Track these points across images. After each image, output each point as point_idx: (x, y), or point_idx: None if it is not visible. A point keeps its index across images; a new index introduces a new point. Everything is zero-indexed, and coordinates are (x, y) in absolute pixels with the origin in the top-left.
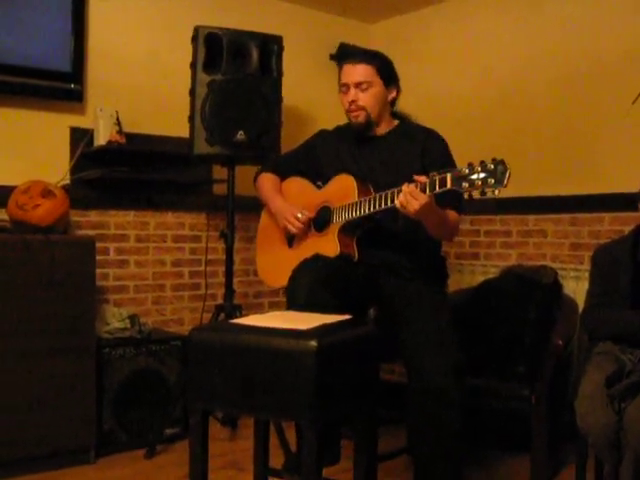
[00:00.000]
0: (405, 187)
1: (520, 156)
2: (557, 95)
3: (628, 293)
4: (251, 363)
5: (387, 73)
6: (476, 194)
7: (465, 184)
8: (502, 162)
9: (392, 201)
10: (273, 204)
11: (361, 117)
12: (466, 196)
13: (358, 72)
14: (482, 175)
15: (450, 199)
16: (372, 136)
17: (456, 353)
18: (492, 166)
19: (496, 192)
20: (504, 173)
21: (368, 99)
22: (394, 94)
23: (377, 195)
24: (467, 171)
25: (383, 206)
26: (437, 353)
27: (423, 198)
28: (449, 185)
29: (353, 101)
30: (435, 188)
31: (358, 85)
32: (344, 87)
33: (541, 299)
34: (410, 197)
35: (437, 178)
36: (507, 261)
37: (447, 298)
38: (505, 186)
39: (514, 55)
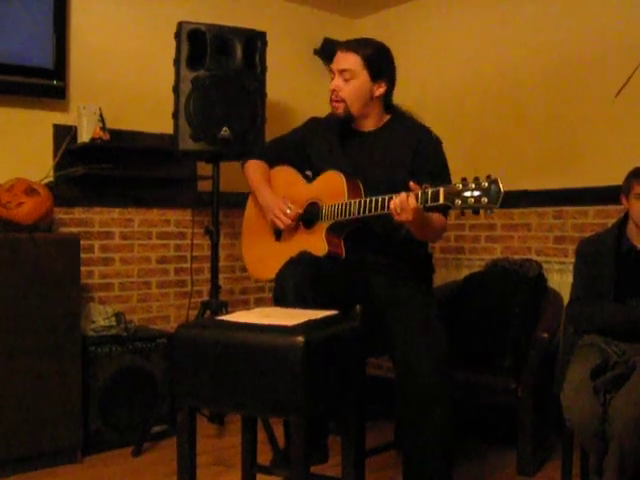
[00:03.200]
0: (403, 198)
1: (504, 150)
2: (541, 89)
3: (612, 285)
4: (238, 360)
5: (377, 66)
6: (468, 211)
7: (458, 201)
8: (496, 181)
9: (383, 208)
10: (261, 195)
11: (340, 109)
12: (459, 211)
13: (345, 60)
14: (476, 193)
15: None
16: (361, 132)
17: (443, 348)
18: (486, 184)
19: (488, 212)
20: (498, 193)
21: (348, 91)
22: (382, 89)
23: (367, 199)
24: (460, 187)
25: (373, 212)
26: (425, 348)
27: (416, 211)
28: (442, 200)
29: (334, 90)
30: (427, 201)
31: (342, 73)
32: (332, 73)
33: (526, 292)
34: (406, 206)
35: (430, 191)
36: (492, 255)
37: (434, 294)
38: (498, 207)
39: (500, 49)
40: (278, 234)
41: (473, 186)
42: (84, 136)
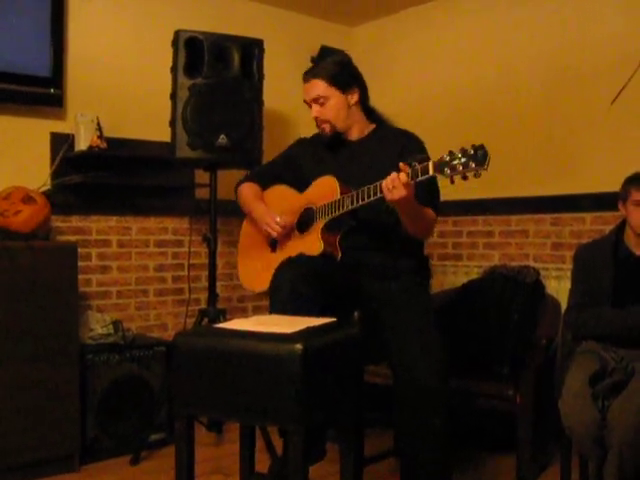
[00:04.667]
0: (394, 175)
1: (502, 157)
2: (538, 97)
3: (610, 292)
4: (236, 368)
5: (341, 79)
6: (458, 178)
7: (447, 170)
8: (482, 147)
9: (375, 193)
10: (254, 211)
11: (327, 129)
12: (449, 181)
13: (312, 88)
14: (463, 160)
15: (427, 196)
16: (349, 142)
17: (441, 354)
18: (472, 151)
19: (478, 173)
20: (485, 156)
21: (328, 112)
22: (356, 96)
23: (360, 190)
24: (448, 158)
25: (366, 199)
26: (422, 354)
27: (407, 186)
28: (431, 172)
29: (316, 117)
30: (417, 175)
31: (315, 101)
32: (307, 104)
33: (524, 299)
34: (398, 183)
35: (419, 166)
36: (490, 261)
37: (430, 298)
38: (486, 169)
39: (497, 56)
40: (273, 246)
41: (460, 155)
42: (81, 144)
